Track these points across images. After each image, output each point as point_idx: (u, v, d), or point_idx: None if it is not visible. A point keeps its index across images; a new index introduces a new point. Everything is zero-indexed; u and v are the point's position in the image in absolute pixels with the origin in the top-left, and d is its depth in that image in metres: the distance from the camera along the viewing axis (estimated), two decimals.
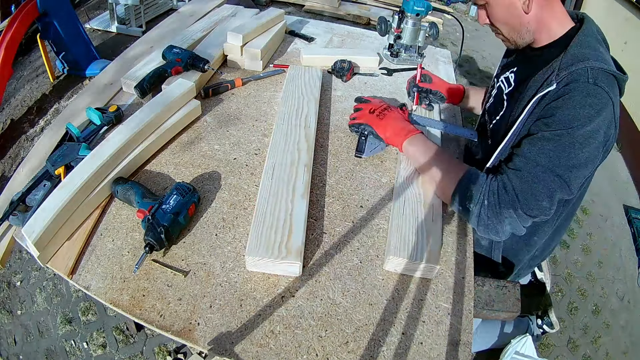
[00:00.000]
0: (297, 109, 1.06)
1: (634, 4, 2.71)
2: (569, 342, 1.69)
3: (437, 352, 0.68)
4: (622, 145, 2.70)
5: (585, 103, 0.72)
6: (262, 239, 0.74)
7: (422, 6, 1.29)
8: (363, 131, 0.99)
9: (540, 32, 0.85)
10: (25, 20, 2.30)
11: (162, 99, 0.99)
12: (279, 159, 0.91)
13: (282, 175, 0.87)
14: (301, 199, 0.82)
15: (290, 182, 0.86)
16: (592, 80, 0.72)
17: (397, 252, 0.76)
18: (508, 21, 0.85)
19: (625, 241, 2.19)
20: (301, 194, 0.83)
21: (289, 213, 0.79)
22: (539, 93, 0.78)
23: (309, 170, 0.90)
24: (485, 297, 1.01)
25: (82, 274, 0.74)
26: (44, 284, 1.68)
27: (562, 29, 0.84)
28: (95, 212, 0.83)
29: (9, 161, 2.22)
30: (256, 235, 0.75)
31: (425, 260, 0.75)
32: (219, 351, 0.65)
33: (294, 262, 0.72)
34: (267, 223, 0.77)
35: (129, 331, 1.55)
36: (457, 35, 4.06)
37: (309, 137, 0.98)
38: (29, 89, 2.72)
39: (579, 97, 0.72)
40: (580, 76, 0.73)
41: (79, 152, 0.87)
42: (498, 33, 0.90)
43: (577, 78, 0.73)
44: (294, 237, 0.75)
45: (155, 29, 1.47)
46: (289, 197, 0.83)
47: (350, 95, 1.23)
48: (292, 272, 0.74)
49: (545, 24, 0.83)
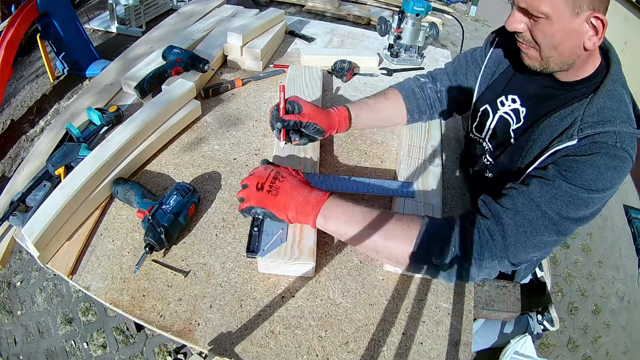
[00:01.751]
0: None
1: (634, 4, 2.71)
2: (569, 342, 1.69)
3: (437, 352, 0.68)
4: None
5: (611, 166, 0.65)
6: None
7: (422, 6, 1.29)
8: (256, 215, 0.73)
9: (575, 70, 0.74)
10: (25, 21, 2.30)
11: (162, 99, 0.99)
12: (285, 161, 0.91)
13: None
14: None
15: None
16: (620, 144, 0.66)
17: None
18: (559, 46, 0.69)
19: (625, 241, 2.19)
20: None
21: None
22: (556, 145, 0.70)
23: (316, 169, 0.89)
24: (485, 297, 1.01)
25: (82, 274, 0.74)
26: (44, 284, 1.68)
27: (593, 67, 0.74)
28: (95, 212, 0.83)
29: (9, 161, 2.22)
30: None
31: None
32: (219, 351, 0.65)
33: (307, 263, 0.72)
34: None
35: (129, 331, 1.55)
36: (457, 35, 4.06)
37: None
38: (29, 89, 2.72)
39: (605, 159, 0.66)
40: (608, 140, 0.66)
41: (79, 153, 0.87)
42: (529, 47, 0.74)
43: (605, 141, 0.66)
44: (306, 237, 0.75)
45: (156, 29, 1.47)
46: None
47: (351, 96, 1.23)
48: (305, 273, 0.74)
49: (586, 63, 0.73)
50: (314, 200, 0.72)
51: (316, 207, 0.71)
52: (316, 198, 0.72)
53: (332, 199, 0.73)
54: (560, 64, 0.72)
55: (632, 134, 0.68)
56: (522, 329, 1.11)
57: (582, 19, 0.66)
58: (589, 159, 0.66)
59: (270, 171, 0.75)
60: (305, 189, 0.74)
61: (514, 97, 0.84)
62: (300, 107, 0.88)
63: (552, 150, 0.70)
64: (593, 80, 0.73)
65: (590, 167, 0.66)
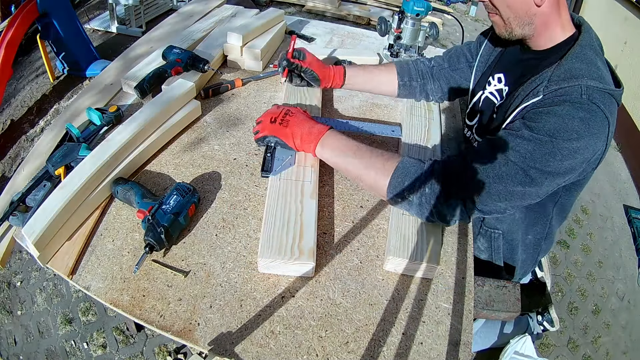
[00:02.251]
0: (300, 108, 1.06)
1: (634, 4, 2.71)
2: (569, 342, 1.69)
3: (437, 352, 0.68)
4: (622, 145, 2.70)
5: (576, 116, 0.66)
6: (273, 240, 0.74)
7: (422, 6, 1.28)
8: (269, 144, 0.90)
9: (541, 33, 0.79)
10: (25, 21, 2.30)
11: (162, 100, 0.99)
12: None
13: (290, 175, 0.87)
14: (310, 199, 0.82)
15: (298, 183, 0.85)
16: (587, 96, 0.67)
17: (397, 252, 0.76)
18: (513, 4, 0.76)
19: (625, 241, 2.19)
20: (310, 194, 0.83)
21: (299, 214, 0.79)
22: (523, 103, 0.74)
23: (315, 170, 0.89)
24: (485, 297, 1.01)
25: (82, 274, 0.74)
26: (44, 284, 1.68)
27: (563, 36, 0.78)
28: (95, 212, 0.83)
29: (9, 161, 2.22)
30: (268, 237, 0.75)
31: (426, 260, 0.75)
32: (219, 351, 0.65)
33: (307, 263, 0.72)
34: (278, 224, 0.77)
35: (129, 331, 1.55)
36: (457, 35, 4.06)
37: None
38: (29, 89, 2.72)
39: (569, 108, 0.67)
40: (573, 92, 0.68)
41: (79, 153, 0.87)
42: (494, 14, 0.81)
43: (569, 93, 0.68)
44: (306, 237, 0.75)
45: (156, 29, 1.47)
46: (298, 197, 0.82)
47: (350, 96, 1.23)
48: (306, 273, 0.74)
49: (549, 26, 0.77)
50: (316, 131, 0.85)
51: (317, 137, 0.84)
52: (318, 130, 0.85)
53: (331, 132, 0.85)
54: (520, 24, 0.78)
55: (601, 89, 0.68)
56: (522, 329, 1.11)
57: None
58: (552, 109, 0.68)
59: (283, 109, 0.89)
60: (310, 122, 0.87)
61: (500, 76, 0.90)
62: (305, 55, 1.04)
63: (519, 108, 0.74)
64: (565, 48, 0.77)
65: (553, 116, 0.68)
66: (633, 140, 2.56)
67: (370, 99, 1.22)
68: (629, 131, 2.55)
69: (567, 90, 0.69)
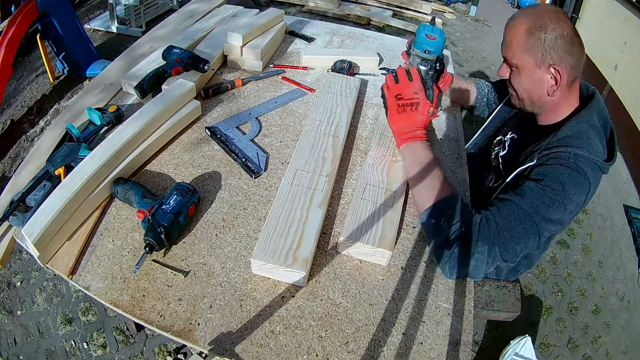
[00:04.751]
0: (328, 117, 1.04)
1: (634, 4, 2.71)
2: (569, 342, 1.69)
3: (437, 352, 0.68)
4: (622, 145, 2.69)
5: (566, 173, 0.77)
6: (270, 243, 0.74)
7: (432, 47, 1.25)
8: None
9: (548, 114, 0.91)
10: (25, 21, 2.30)
11: (162, 100, 0.99)
12: (302, 165, 0.90)
13: (303, 182, 0.86)
14: (317, 209, 0.81)
15: (309, 190, 0.84)
16: (573, 160, 0.77)
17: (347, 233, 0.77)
18: (529, 92, 0.89)
19: (625, 241, 2.19)
20: (318, 204, 0.82)
21: (302, 221, 0.78)
22: (520, 167, 0.84)
23: (330, 180, 0.87)
24: (485, 297, 1.01)
25: (82, 274, 0.74)
26: (44, 284, 1.68)
27: (567, 112, 0.89)
28: (95, 212, 0.83)
29: (9, 161, 2.22)
30: (265, 239, 0.74)
31: (377, 244, 0.75)
32: (219, 351, 0.65)
33: (298, 271, 0.71)
34: (279, 228, 0.76)
35: (129, 331, 1.54)
36: (457, 35, 4.07)
37: (336, 147, 0.96)
38: (29, 89, 2.72)
39: (561, 168, 0.77)
40: (562, 155, 0.79)
41: (79, 153, 0.87)
42: (512, 90, 0.93)
43: (559, 156, 0.79)
44: (304, 246, 0.74)
45: (156, 29, 1.47)
46: (306, 205, 0.81)
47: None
48: (297, 281, 0.74)
49: (557, 108, 0.89)
50: (412, 134, 0.93)
51: (408, 139, 0.92)
52: (415, 134, 0.93)
53: (421, 143, 0.92)
54: (532, 106, 0.91)
55: (587, 158, 0.78)
56: None
57: (544, 70, 0.83)
58: (547, 167, 0.79)
59: (415, 96, 0.95)
60: (417, 124, 0.93)
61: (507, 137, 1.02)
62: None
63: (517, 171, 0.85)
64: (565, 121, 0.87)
65: (550, 172, 0.78)
66: (633, 140, 2.55)
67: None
68: (629, 131, 2.54)
69: (557, 154, 0.80)
